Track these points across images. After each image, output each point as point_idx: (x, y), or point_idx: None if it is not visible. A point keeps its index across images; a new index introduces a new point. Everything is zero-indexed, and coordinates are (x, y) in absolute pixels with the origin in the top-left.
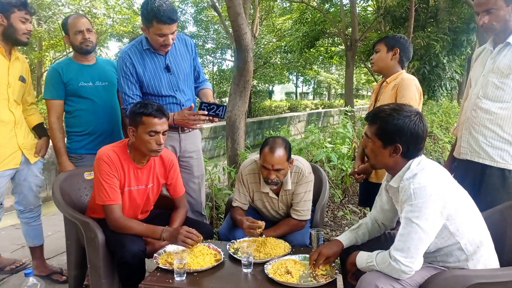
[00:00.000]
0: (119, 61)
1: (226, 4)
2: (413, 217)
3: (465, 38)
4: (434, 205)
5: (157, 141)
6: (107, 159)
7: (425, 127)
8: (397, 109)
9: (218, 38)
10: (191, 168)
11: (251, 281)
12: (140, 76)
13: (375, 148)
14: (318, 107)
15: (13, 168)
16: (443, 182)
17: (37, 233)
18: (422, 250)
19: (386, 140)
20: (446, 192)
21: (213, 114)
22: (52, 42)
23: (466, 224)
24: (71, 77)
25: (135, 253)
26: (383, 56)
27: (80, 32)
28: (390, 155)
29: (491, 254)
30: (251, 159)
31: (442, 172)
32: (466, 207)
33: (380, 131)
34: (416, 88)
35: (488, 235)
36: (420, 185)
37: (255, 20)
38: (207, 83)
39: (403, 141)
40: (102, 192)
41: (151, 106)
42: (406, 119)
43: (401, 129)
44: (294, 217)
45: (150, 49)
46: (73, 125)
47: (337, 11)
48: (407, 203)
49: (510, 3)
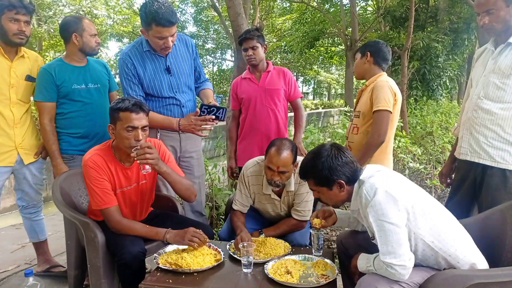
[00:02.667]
0: (120, 63)
1: (226, 4)
2: (379, 216)
3: (465, 38)
4: (388, 196)
5: (136, 137)
6: (92, 164)
7: (347, 152)
8: (316, 154)
9: (218, 38)
10: (191, 168)
11: (251, 281)
12: (141, 77)
13: (325, 194)
14: (318, 107)
15: (7, 166)
16: (392, 179)
17: (41, 228)
18: (405, 245)
19: (328, 184)
20: (395, 184)
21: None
22: (52, 42)
23: (425, 218)
24: (64, 79)
25: (135, 255)
26: (358, 63)
27: (94, 36)
28: (340, 191)
29: (467, 247)
30: (254, 160)
31: (392, 173)
32: (423, 201)
33: (317, 180)
34: (390, 89)
35: (457, 228)
36: (369, 184)
37: (255, 20)
38: (208, 83)
39: (339, 175)
40: (95, 198)
41: (128, 101)
42: (328, 158)
43: (330, 168)
44: (295, 217)
45: (150, 51)
46: (65, 126)
47: (337, 11)
48: (367, 207)
49: (510, 3)
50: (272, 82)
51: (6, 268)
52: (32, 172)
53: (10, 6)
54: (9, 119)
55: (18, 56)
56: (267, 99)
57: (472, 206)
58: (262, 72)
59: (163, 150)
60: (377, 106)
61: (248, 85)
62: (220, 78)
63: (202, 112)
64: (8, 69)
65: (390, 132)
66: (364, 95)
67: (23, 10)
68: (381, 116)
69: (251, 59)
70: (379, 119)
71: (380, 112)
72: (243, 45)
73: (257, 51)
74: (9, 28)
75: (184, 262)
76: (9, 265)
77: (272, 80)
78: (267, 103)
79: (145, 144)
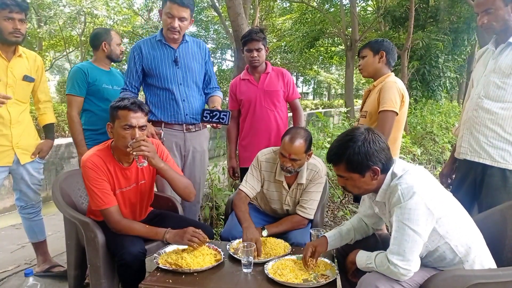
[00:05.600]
0: (130, 52)
1: (226, 4)
2: (404, 219)
3: (465, 38)
4: (423, 206)
5: (133, 136)
6: (91, 165)
7: (381, 137)
8: (351, 137)
9: (218, 38)
10: (194, 167)
11: (251, 281)
12: (146, 65)
13: (355, 182)
14: (318, 107)
15: (4, 166)
16: (428, 182)
17: (41, 228)
18: (417, 252)
19: (361, 170)
20: (433, 192)
21: (216, 121)
22: (52, 42)
23: (454, 225)
24: (96, 78)
25: (135, 255)
26: (370, 61)
27: (119, 45)
28: (372, 179)
29: (485, 253)
30: (270, 148)
31: (426, 173)
32: (453, 208)
33: (351, 165)
34: (398, 91)
35: (479, 235)
36: (407, 185)
37: (255, 20)
38: (218, 91)
39: (376, 161)
40: (95, 198)
41: (127, 100)
42: (365, 142)
43: (367, 152)
44: (299, 214)
45: (162, 40)
46: (91, 123)
47: (337, 11)
48: (397, 205)
49: (509, 2)
50: (271, 83)
51: (6, 268)
52: (30, 172)
53: (3, 5)
54: (6, 118)
55: (16, 55)
56: (266, 100)
57: (472, 206)
58: (261, 73)
59: (161, 149)
60: (383, 107)
61: (247, 87)
62: (220, 78)
63: (204, 117)
64: (5, 69)
65: (398, 134)
66: (371, 95)
67: (16, 8)
68: (386, 117)
69: (255, 60)
70: (383, 120)
71: (386, 112)
72: (247, 46)
73: (261, 53)
74: (4, 27)
75: (184, 262)
76: (9, 265)
77: (271, 81)
78: (266, 105)
79: (140, 137)
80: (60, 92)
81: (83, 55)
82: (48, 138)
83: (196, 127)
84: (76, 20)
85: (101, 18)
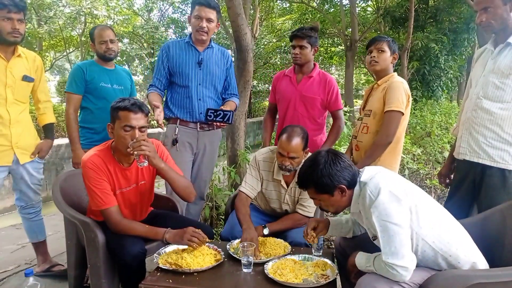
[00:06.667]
0: (160, 50)
1: (226, 4)
2: (382, 216)
3: (465, 38)
4: (391, 195)
5: (132, 137)
6: (91, 165)
7: (343, 156)
8: (313, 162)
9: (218, 38)
10: (202, 165)
11: (251, 281)
12: (171, 64)
13: (327, 201)
14: None
15: (4, 166)
16: (395, 178)
17: (40, 228)
18: (407, 246)
19: (329, 190)
20: (397, 183)
21: (220, 120)
22: (53, 42)
23: (428, 220)
24: (93, 77)
25: (135, 255)
26: (387, 57)
27: (104, 42)
28: (341, 196)
29: (469, 246)
30: (267, 148)
31: (394, 174)
32: (425, 203)
33: (318, 188)
34: (404, 91)
35: (460, 230)
36: (373, 184)
37: (255, 20)
38: (234, 98)
39: (340, 180)
40: (95, 198)
41: (128, 100)
42: (326, 164)
43: (329, 174)
44: (299, 212)
45: (189, 43)
46: (89, 121)
47: (337, 11)
48: (371, 208)
49: (508, 1)
50: (311, 89)
51: (6, 268)
52: (29, 172)
53: (1, 5)
54: (5, 118)
55: (15, 56)
56: (301, 105)
57: (471, 206)
58: (305, 75)
59: (161, 149)
60: (389, 107)
61: (287, 85)
62: None
63: (209, 116)
64: (4, 69)
65: (401, 133)
66: (375, 94)
67: (14, 8)
68: (392, 117)
69: (296, 57)
70: (389, 120)
71: (392, 112)
72: (292, 41)
73: (305, 51)
74: (2, 27)
75: (184, 262)
76: (9, 265)
77: (311, 87)
78: (300, 110)
79: (141, 137)
80: (60, 93)
81: (83, 55)
82: (47, 138)
83: (209, 126)
84: (76, 20)
85: (101, 19)
